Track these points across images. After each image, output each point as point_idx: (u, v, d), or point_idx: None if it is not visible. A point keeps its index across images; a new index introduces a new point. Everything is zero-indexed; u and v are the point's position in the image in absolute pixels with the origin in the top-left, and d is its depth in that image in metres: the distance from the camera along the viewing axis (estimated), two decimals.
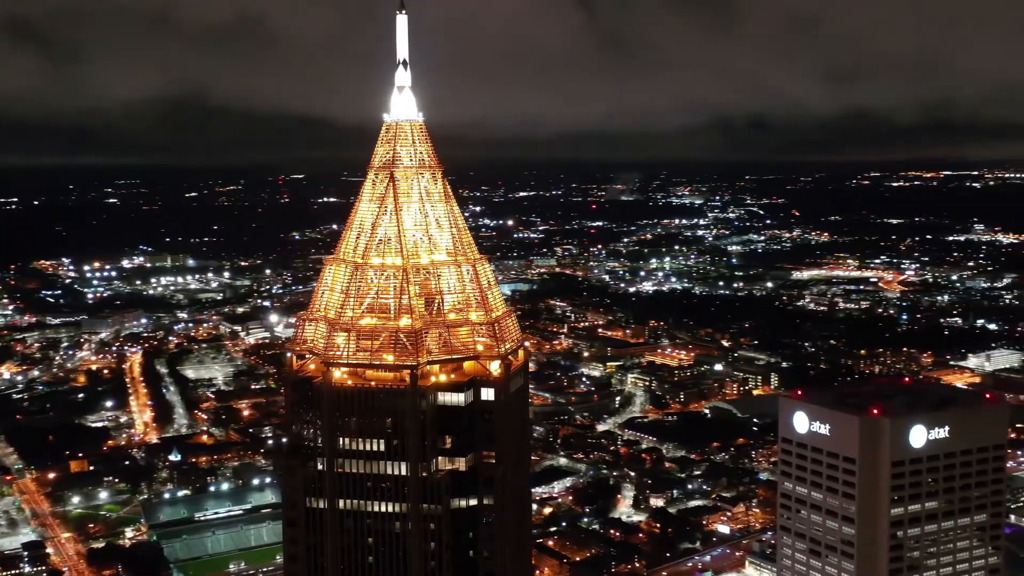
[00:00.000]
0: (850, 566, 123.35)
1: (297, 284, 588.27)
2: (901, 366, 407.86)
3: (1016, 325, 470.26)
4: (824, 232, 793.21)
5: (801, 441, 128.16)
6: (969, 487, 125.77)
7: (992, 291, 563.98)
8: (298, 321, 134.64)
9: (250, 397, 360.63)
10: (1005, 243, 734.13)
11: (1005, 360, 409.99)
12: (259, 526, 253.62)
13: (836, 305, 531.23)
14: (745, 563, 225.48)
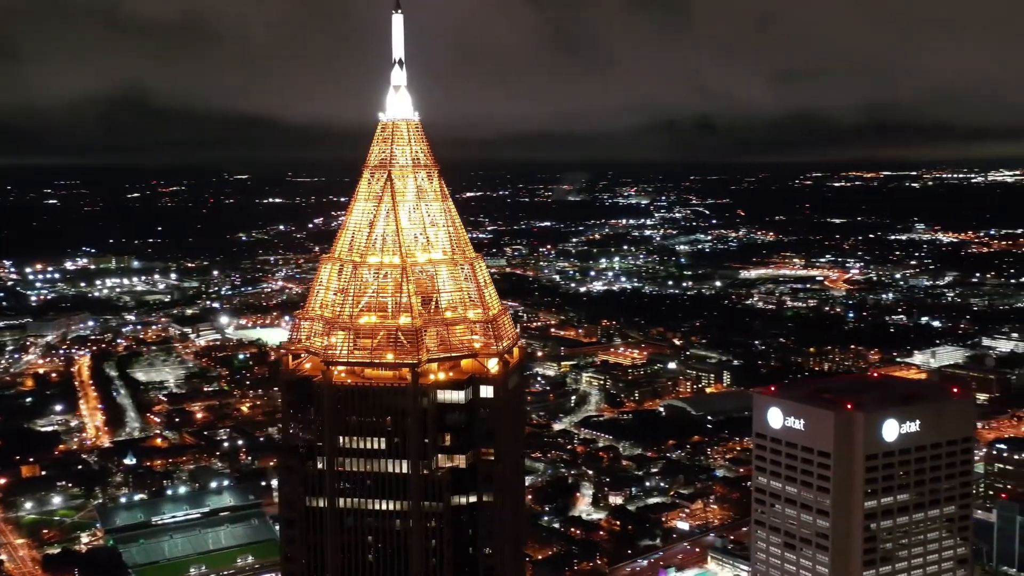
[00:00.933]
0: (824, 558, 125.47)
1: (246, 285, 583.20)
2: (849, 363, 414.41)
3: (959, 322, 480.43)
4: (769, 232, 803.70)
5: (775, 436, 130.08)
6: (938, 479, 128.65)
7: (934, 289, 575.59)
8: (293, 320, 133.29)
9: (203, 399, 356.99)
10: (945, 242, 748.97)
11: (950, 356, 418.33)
12: (217, 529, 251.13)
13: (784, 303, 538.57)
14: (707, 559, 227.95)
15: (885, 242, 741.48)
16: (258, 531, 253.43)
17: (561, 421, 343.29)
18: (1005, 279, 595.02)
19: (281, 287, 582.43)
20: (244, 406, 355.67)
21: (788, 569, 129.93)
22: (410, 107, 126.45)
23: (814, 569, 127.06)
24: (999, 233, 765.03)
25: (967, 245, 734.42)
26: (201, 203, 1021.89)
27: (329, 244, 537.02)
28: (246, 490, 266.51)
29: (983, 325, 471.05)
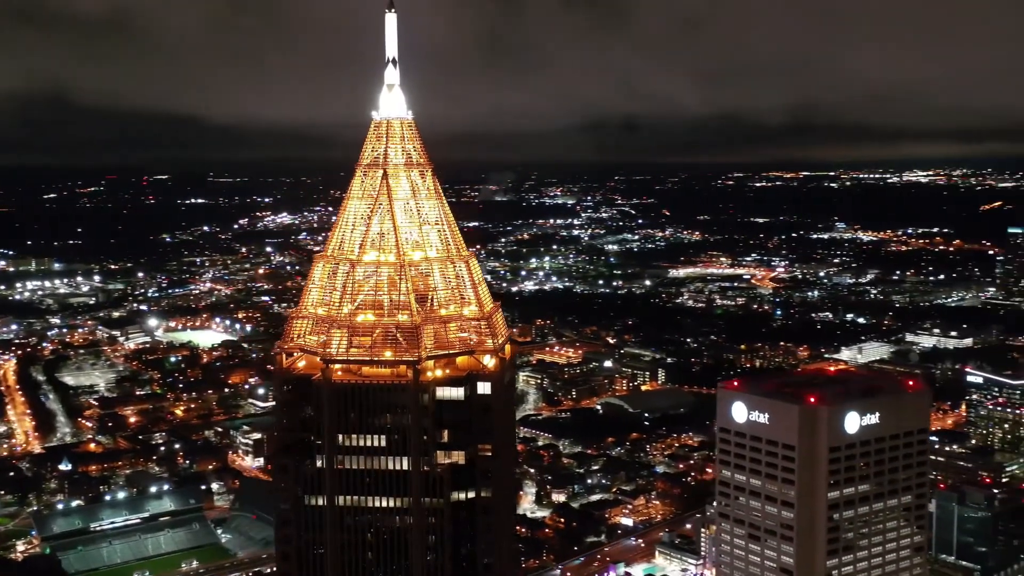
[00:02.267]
0: (789, 548, 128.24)
1: (173, 287, 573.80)
2: (780, 360, 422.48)
3: (882, 319, 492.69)
4: (695, 231, 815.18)
5: (740, 430, 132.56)
6: (896, 470, 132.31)
7: (857, 287, 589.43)
8: (287, 319, 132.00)
9: (136, 403, 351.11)
10: (865, 240, 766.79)
11: (875, 352, 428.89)
12: (158, 534, 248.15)
13: (713, 302, 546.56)
14: (655, 553, 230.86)
15: (808, 241, 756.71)
16: (200, 535, 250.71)
17: None
18: (924, 277, 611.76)
19: (209, 289, 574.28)
20: (179, 409, 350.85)
21: (752, 560, 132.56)
22: (403, 105, 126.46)
23: (779, 560, 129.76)
24: (916, 232, 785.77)
25: (886, 244, 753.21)
26: (121, 204, 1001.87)
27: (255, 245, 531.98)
28: (186, 494, 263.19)
29: (905, 321, 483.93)
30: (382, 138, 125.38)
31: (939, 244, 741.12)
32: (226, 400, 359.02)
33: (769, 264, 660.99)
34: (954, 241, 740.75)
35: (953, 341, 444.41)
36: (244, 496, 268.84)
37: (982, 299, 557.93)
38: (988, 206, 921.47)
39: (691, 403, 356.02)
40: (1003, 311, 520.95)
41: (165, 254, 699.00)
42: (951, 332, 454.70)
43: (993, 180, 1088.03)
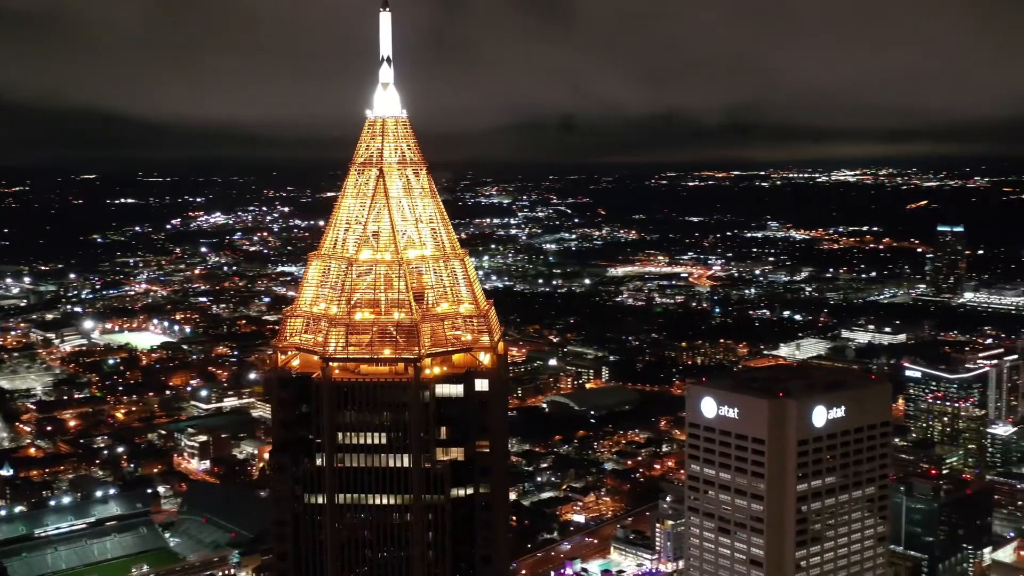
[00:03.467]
0: (759, 541, 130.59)
1: (107, 288, 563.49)
2: (720, 357, 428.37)
3: (818, 316, 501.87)
4: (631, 230, 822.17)
5: (709, 425, 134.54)
6: (861, 462, 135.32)
7: (792, 284, 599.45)
8: (282, 318, 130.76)
9: (75, 407, 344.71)
10: (798, 239, 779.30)
11: (813, 348, 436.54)
12: (104, 539, 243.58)
13: (652, 300, 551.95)
14: (610, 549, 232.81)
15: (742, 240, 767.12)
16: (147, 540, 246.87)
17: None
18: (856, 274, 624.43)
19: (145, 290, 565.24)
20: (119, 412, 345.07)
21: (722, 553, 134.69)
22: (398, 104, 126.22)
23: (748, 552, 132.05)
24: (847, 230, 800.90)
25: (818, 242, 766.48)
26: (47, 204, 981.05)
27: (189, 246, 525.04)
28: (132, 498, 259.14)
29: (840, 318, 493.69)
30: (376, 136, 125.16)
31: (869, 242, 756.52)
32: (168, 402, 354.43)
33: (705, 263, 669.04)
34: (883, 239, 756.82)
35: (887, 337, 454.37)
36: (192, 499, 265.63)
37: (913, 296, 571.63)
38: (914, 205, 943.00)
39: (636, 400, 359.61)
40: (933, 307, 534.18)
41: (97, 255, 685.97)
42: (885, 328, 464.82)
43: (918, 180, 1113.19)
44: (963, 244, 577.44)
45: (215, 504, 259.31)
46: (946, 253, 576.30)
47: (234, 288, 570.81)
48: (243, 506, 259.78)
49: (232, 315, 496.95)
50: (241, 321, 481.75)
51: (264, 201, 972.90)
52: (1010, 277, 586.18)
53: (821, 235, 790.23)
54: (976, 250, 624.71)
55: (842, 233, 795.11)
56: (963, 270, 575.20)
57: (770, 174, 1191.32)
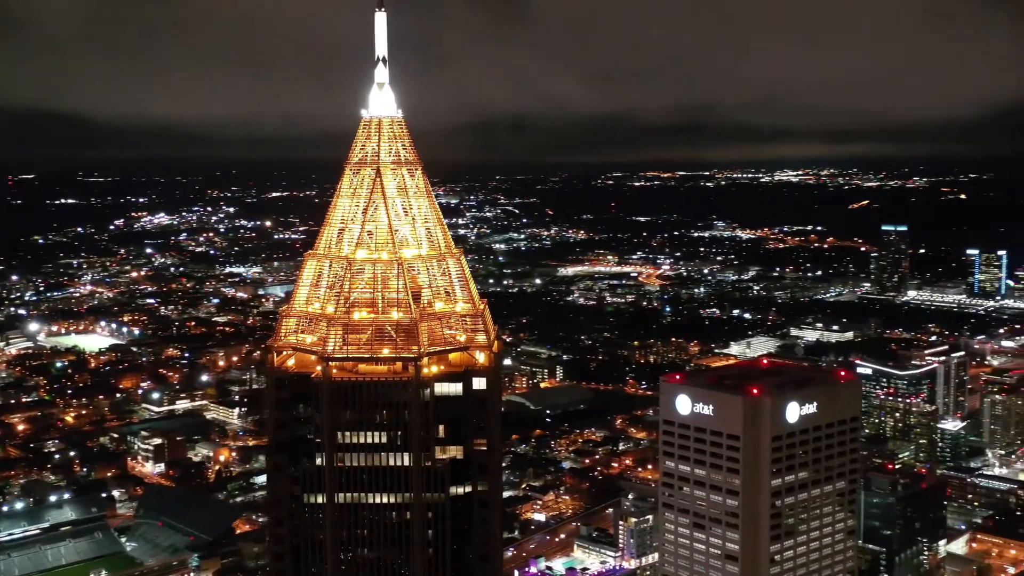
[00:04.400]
0: (734, 535, 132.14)
1: (52, 290, 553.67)
2: (672, 355, 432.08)
3: (767, 314, 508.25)
4: (580, 230, 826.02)
5: (684, 422, 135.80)
6: (832, 457, 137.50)
7: (740, 283, 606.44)
8: (278, 317, 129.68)
9: (23, 411, 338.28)
10: (744, 238, 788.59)
11: (763, 347, 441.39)
12: (59, 545, 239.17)
13: (603, 299, 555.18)
14: (574, 547, 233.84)
15: (689, 239, 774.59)
16: (103, 545, 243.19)
17: None
18: (802, 273, 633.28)
19: (90, 292, 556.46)
20: (69, 416, 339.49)
21: (698, 548, 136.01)
22: (393, 104, 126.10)
23: (724, 547, 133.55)
24: (791, 230, 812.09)
25: (764, 242, 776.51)
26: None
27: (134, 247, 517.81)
28: (87, 503, 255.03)
29: (788, 316, 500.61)
30: (372, 136, 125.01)
31: (814, 242, 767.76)
32: (119, 405, 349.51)
33: (655, 262, 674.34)
34: (828, 239, 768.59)
35: (835, 335, 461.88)
36: (148, 503, 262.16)
37: (858, 294, 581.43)
38: (856, 205, 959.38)
39: (590, 399, 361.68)
40: (878, 305, 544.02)
41: (38, 256, 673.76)
42: (833, 326, 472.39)
43: (859, 180, 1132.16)
44: (906, 243, 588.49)
45: (172, 508, 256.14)
46: (890, 252, 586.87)
47: (182, 289, 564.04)
48: (200, 509, 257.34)
49: (181, 316, 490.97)
50: (191, 323, 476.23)
51: (209, 201, 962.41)
52: (951, 276, 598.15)
53: (767, 234, 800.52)
54: (918, 249, 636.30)
55: (787, 232, 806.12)
56: (906, 269, 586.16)
57: (715, 174, 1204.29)
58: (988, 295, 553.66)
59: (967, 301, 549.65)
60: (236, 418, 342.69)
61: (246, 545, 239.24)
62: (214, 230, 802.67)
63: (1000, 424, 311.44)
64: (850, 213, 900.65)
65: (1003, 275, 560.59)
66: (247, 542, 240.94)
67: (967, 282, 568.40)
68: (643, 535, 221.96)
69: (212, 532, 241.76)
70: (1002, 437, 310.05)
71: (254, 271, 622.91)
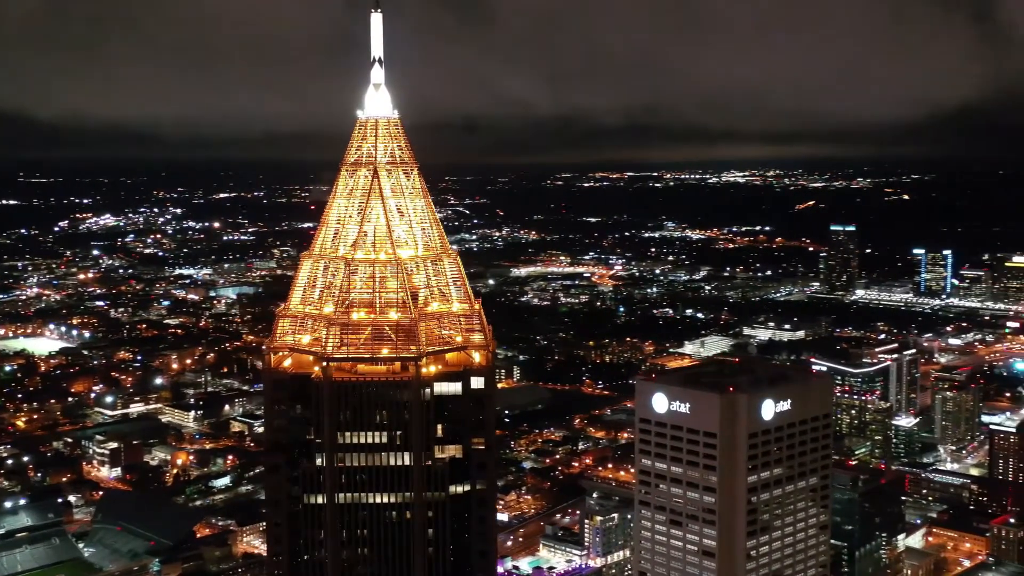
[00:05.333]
0: (711, 532, 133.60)
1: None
2: (628, 355, 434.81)
3: (719, 314, 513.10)
4: (531, 231, 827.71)
5: (660, 420, 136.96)
6: (805, 453, 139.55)
7: (692, 283, 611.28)
8: (275, 318, 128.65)
9: None
10: (694, 239, 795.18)
11: (717, 346, 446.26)
12: (14, 552, 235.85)
13: (558, 300, 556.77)
14: (539, 546, 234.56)
15: (640, 240, 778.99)
16: (61, 551, 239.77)
17: None
18: (753, 273, 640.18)
19: (37, 294, 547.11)
20: (20, 421, 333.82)
21: (675, 545, 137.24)
22: (389, 105, 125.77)
23: (700, 543, 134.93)
24: (740, 230, 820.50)
25: (714, 242, 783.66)
26: None
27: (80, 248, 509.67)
28: (43, 508, 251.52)
29: (740, 316, 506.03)
30: (368, 137, 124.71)
31: (762, 242, 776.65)
32: (71, 409, 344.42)
33: (607, 262, 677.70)
34: (776, 239, 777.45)
35: (787, 334, 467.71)
36: (106, 508, 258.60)
37: (808, 293, 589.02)
38: (802, 205, 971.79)
39: (548, 399, 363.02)
40: (828, 304, 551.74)
41: None
42: (784, 325, 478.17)
43: (804, 181, 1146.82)
44: (855, 243, 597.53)
45: (130, 512, 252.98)
46: (839, 252, 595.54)
47: (131, 291, 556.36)
48: (160, 514, 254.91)
49: (132, 319, 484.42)
50: (142, 325, 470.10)
51: (155, 202, 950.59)
52: (898, 275, 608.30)
53: (716, 235, 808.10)
54: (864, 249, 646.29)
55: (736, 233, 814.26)
56: (855, 268, 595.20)
57: (663, 175, 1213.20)
58: (934, 294, 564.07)
59: (914, 300, 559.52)
60: (192, 421, 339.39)
61: (208, 549, 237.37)
62: (161, 231, 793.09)
63: (951, 420, 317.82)
64: (797, 213, 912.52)
65: (948, 274, 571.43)
66: (209, 546, 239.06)
67: (914, 281, 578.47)
68: (609, 533, 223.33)
69: (173, 537, 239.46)
70: (953, 433, 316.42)
71: (204, 273, 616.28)
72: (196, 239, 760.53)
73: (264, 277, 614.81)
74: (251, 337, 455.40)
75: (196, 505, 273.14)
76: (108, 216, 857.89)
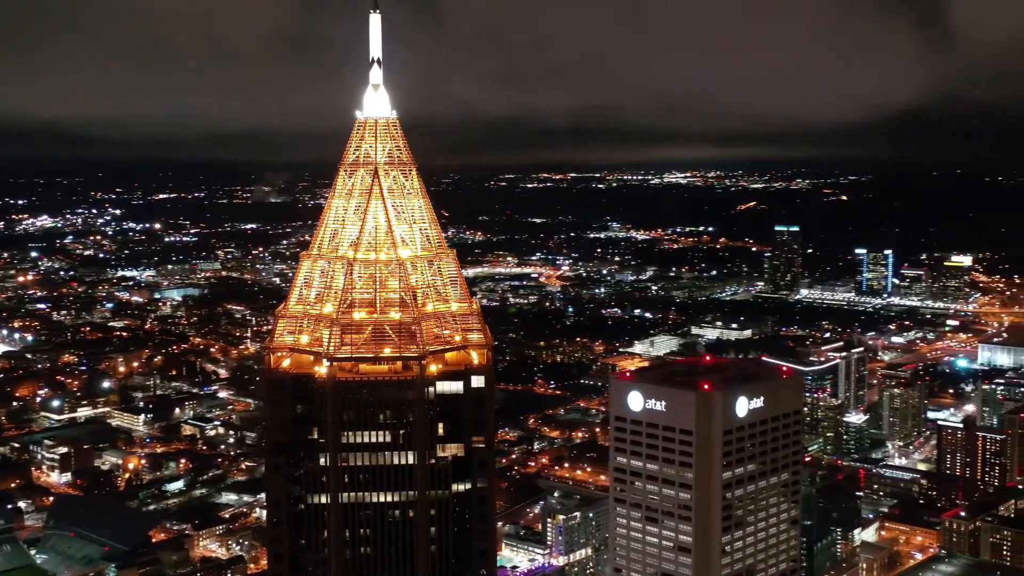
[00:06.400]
0: (687, 528, 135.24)
1: None
2: (579, 355, 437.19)
3: (667, 313, 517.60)
4: (478, 231, 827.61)
5: (636, 418, 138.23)
6: (777, 449, 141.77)
7: (639, 283, 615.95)
8: (274, 318, 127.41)
9: None
10: (639, 239, 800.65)
11: (666, 345, 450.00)
12: None
13: (507, 300, 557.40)
14: (502, 545, 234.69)
15: (586, 240, 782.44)
16: (12, 557, 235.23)
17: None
18: (698, 273, 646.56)
19: None
20: None
21: (651, 541, 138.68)
22: (387, 105, 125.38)
23: (676, 539, 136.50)
24: (684, 231, 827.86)
25: (659, 242, 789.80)
26: None
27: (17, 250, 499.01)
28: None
29: (688, 315, 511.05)
30: (366, 137, 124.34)
31: (706, 242, 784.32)
32: (16, 414, 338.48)
33: (554, 263, 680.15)
34: (719, 239, 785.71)
35: (734, 333, 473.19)
36: (58, 513, 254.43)
37: (753, 293, 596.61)
38: (744, 206, 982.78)
39: (501, 399, 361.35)
40: (773, 304, 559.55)
41: None
42: (732, 324, 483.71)
43: (745, 182, 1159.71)
44: (798, 243, 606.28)
45: (83, 518, 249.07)
46: (782, 252, 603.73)
47: (73, 294, 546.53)
48: (114, 518, 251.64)
49: (75, 322, 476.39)
50: (85, 328, 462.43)
51: (93, 203, 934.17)
52: (839, 274, 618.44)
53: (660, 235, 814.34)
54: (806, 249, 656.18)
55: (680, 233, 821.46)
56: (799, 268, 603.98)
57: (605, 176, 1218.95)
58: (876, 293, 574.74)
59: (856, 299, 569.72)
60: (142, 424, 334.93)
61: (165, 554, 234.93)
62: (101, 232, 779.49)
63: (898, 416, 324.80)
64: (738, 214, 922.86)
65: (889, 273, 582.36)
66: (166, 551, 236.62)
67: (856, 281, 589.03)
68: (571, 532, 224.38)
69: (128, 542, 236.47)
70: (900, 429, 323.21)
71: (148, 275, 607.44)
72: (137, 240, 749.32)
73: (209, 279, 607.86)
74: (199, 339, 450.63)
75: (150, 509, 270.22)
76: (45, 217, 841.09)
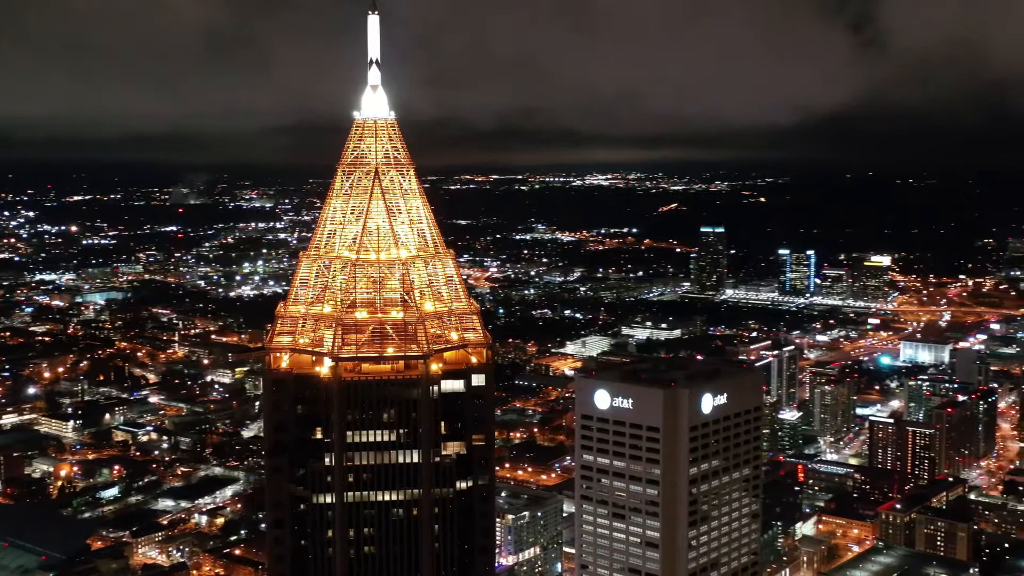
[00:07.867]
0: (655, 523, 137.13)
1: None
2: (512, 356, 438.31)
3: (597, 314, 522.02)
4: None
5: (602, 416, 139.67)
6: (739, 444, 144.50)
7: (567, 284, 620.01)
8: (274, 318, 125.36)
9: None
10: (565, 241, 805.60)
11: (597, 345, 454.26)
12: None
13: None
14: None
15: (512, 242, 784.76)
16: None
17: (249, 428, 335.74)
18: (625, 274, 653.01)
19: None
20: None
21: (617, 538, 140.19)
22: (386, 106, 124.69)
23: (644, 535, 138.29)
24: (608, 232, 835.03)
25: (584, 244, 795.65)
26: None
27: None
28: None
29: (617, 316, 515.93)
30: (364, 138, 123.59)
31: (631, 243, 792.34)
32: None
33: (482, 264, 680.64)
34: (644, 240, 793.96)
35: (664, 332, 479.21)
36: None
37: (679, 293, 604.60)
38: (666, 208, 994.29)
39: None
40: (700, 303, 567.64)
41: None
42: (661, 324, 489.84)
43: (666, 184, 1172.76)
44: (724, 244, 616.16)
45: (18, 527, 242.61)
46: (708, 252, 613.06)
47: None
48: (49, 527, 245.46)
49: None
50: (6, 333, 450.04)
51: (5, 205, 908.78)
52: (763, 274, 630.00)
53: (585, 237, 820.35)
54: (730, 249, 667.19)
55: (605, 235, 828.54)
56: (724, 269, 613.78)
57: (528, 178, 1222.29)
58: (799, 292, 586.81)
59: (779, 298, 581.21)
60: (72, 431, 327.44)
61: (104, 562, 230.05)
62: (15, 235, 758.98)
63: (829, 413, 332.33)
64: (661, 216, 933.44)
65: (811, 273, 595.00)
66: (104, 559, 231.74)
67: (779, 280, 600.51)
68: (520, 531, 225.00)
69: (65, 550, 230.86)
70: (831, 425, 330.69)
71: (67, 278, 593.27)
72: (53, 243, 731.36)
73: (132, 282, 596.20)
74: (125, 344, 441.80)
75: (85, 517, 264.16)
76: None
